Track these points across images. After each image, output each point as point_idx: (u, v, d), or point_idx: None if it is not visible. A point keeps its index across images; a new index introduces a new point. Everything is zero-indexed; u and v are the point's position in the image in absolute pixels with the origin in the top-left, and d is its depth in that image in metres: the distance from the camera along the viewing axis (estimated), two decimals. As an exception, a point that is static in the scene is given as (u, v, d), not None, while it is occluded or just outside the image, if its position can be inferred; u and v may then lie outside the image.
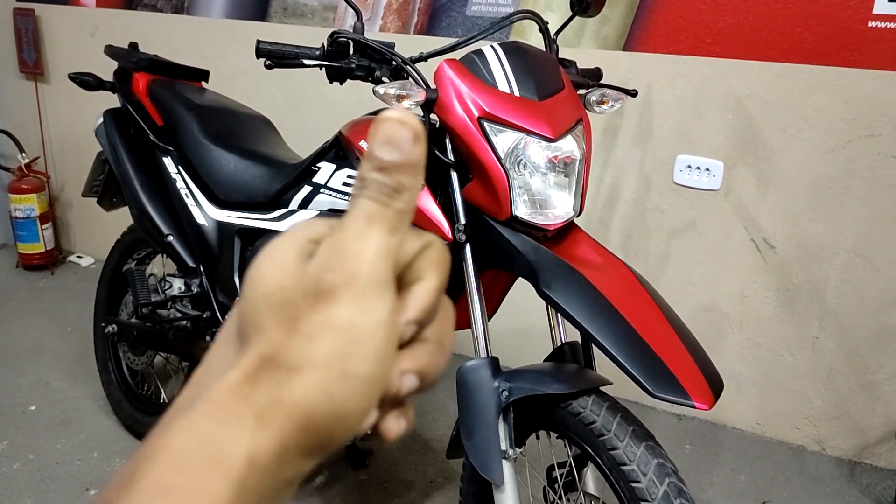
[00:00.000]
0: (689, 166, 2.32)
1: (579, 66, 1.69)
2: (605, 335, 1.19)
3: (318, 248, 0.33)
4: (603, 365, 1.37)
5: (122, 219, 2.24)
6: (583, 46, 2.39)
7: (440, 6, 2.57)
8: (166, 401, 2.30)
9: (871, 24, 2.05)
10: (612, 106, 1.58)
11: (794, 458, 2.33)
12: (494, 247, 1.38)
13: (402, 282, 0.34)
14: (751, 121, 2.22)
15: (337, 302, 0.31)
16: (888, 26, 2.03)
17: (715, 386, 1.19)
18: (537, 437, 1.47)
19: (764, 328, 2.34)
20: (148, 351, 2.29)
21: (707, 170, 2.30)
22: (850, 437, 2.30)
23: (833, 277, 2.22)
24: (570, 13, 1.67)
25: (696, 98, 2.28)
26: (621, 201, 2.45)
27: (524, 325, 2.52)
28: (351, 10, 1.48)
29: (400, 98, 1.35)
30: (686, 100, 2.29)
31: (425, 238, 0.35)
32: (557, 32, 1.63)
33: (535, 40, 1.60)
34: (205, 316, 1.92)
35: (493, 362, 1.34)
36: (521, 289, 1.47)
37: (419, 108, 1.38)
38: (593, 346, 1.36)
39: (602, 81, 1.68)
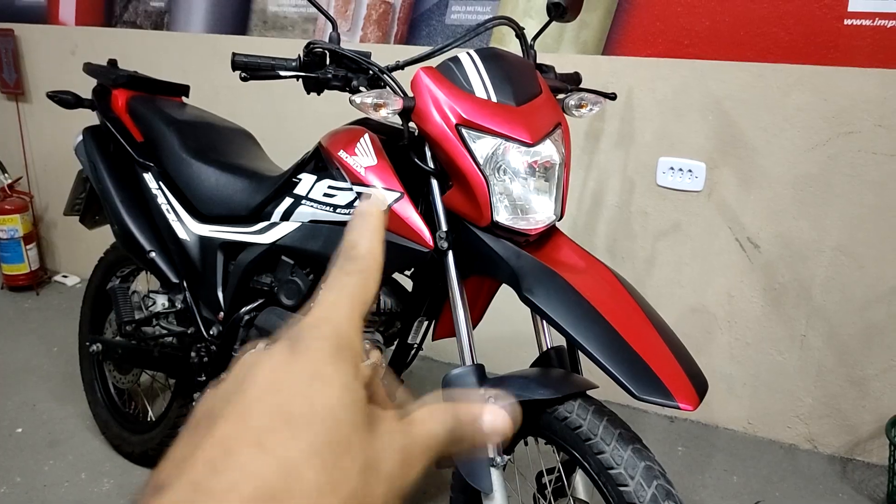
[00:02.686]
0: (672, 168, 2.32)
1: (558, 70, 1.69)
2: (589, 339, 1.19)
3: None
4: (589, 369, 1.37)
5: (106, 237, 2.23)
6: (562, 52, 2.40)
7: (420, 15, 2.57)
8: (153, 419, 2.29)
9: (847, 21, 2.06)
10: (591, 109, 1.58)
11: (786, 457, 2.33)
12: (476, 253, 1.37)
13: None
14: (731, 121, 2.23)
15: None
16: (864, 24, 2.04)
17: (699, 386, 1.18)
18: (525, 444, 1.46)
19: (752, 328, 2.35)
20: (134, 369, 2.27)
21: (689, 171, 2.30)
22: (842, 434, 2.30)
23: (819, 275, 2.22)
24: (548, 18, 1.68)
25: (676, 100, 2.28)
26: (606, 205, 2.45)
27: (510, 332, 2.51)
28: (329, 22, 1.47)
29: (377, 107, 1.35)
30: (666, 102, 2.30)
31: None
32: (535, 38, 1.63)
33: (515, 46, 1.60)
34: (189, 332, 1.90)
35: (479, 369, 1.33)
36: (506, 295, 1.46)
37: (397, 116, 1.38)
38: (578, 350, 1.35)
39: (581, 85, 1.68)
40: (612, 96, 1.66)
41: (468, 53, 1.41)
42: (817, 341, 2.26)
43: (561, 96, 1.57)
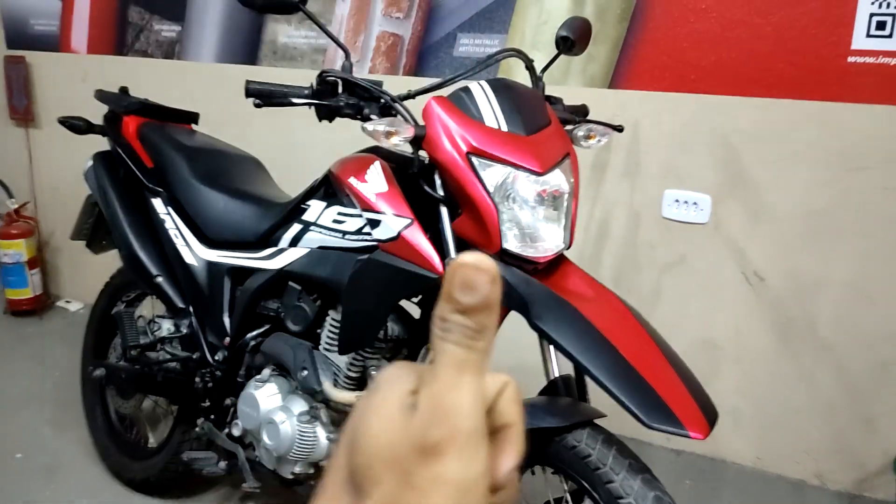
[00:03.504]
0: (678, 200, 2.33)
1: (566, 103, 1.71)
2: (598, 366, 1.19)
3: (416, 398, 0.35)
4: (597, 398, 1.36)
5: (111, 263, 2.23)
6: (569, 84, 2.42)
7: (428, 47, 2.61)
8: (154, 445, 2.27)
9: (851, 59, 2.09)
10: (599, 141, 1.60)
11: (794, 493, 2.30)
12: (485, 281, 1.37)
13: (488, 423, 0.36)
14: (737, 155, 2.25)
15: (444, 457, 0.33)
16: (867, 61, 2.07)
17: (709, 415, 1.18)
18: (532, 473, 1.45)
19: (760, 362, 2.33)
20: (136, 394, 2.26)
21: (695, 204, 2.31)
22: (850, 471, 2.28)
23: (827, 311, 2.22)
24: (556, 51, 1.70)
25: (683, 133, 2.30)
26: (612, 236, 2.46)
27: (517, 360, 2.49)
28: (340, 52, 1.49)
29: (389, 135, 1.36)
30: (673, 135, 2.31)
31: (501, 378, 0.38)
32: (543, 70, 1.66)
33: (522, 78, 1.62)
34: (194, 357, 1.90)
35: (486, 397, 1.33)
36: (514, 323, 1.46)
37: (408, 143, 1.39)
38: (587, 378, 1.35)
39: (589, 117, 1.70)
40: (620, 128, 1.68)
41: (479, 83, 1.43)
42: (826, 377, 2.25)
43: (569, 127, 1.58)
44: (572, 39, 1.70)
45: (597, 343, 1.21)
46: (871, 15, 2.03)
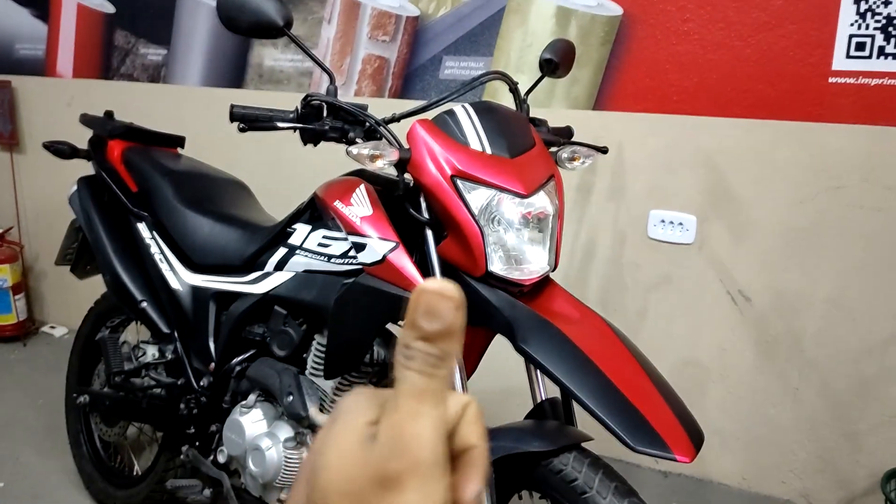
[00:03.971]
0: (663, 221, 2.34)
1: (550, 125, 1.72)
2: (584, 390, 1.18)
3: (376, 429, 0.34)
4: (584, 420, 1.36)
5: (96, 288, 2.22)
6: (553, 107, 2.44)
7: (414, 70, 2.62)
8: (139, 473, 2.24)
9: (832, 80, 2.11)
10: (584, 162, 1.61)
11: (781, 513, 2.30)
12: (471, 303, 1.37)
13: (450, 446, 0.36)
14: (721, 175, 2.26)
15: (404, 489, 0.33)
16: (847, 81, 2.09)
17: (695, 438, 1.18)
18: (520, 497, 1.44)
19: (745, 381, 2.34)
20: (121, 421, 2.24)
21: (681, 224, 2.32)
22: (836, 490, 2.28)
23: (810, 328, 2.23)
24: (540, 74, 1.72)
25: (667, 154, 2.32)
26: (597, 257, 2.46)
27: (504, 384, 2.49)
28: (326, 76, 1.50)
29: (374, 158, 1.36)
30: (657, 156, 2.33)
31: (462, 400, 0.38)
32: (528, 92, 1.67)
33: (507, 100, 1.63)
34: (179, 383, 1.88)
35: (473, 422, 1.32)
36: (500, 347, 1.46)
37: (393, 167, 1.39)
38: (573, 401, 1.34)
39: (573, 139, 1.71)
40: (604, 150, 1.69)
41: (463, 106, 1.44)
42: (810, 395, 2.26)
43: (554, 149, 1.59)
44: (556, 62, 1.72)
45: (582, 366, 1.21)
46: (851, 36, 2.06)
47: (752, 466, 2.38)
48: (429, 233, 1.41)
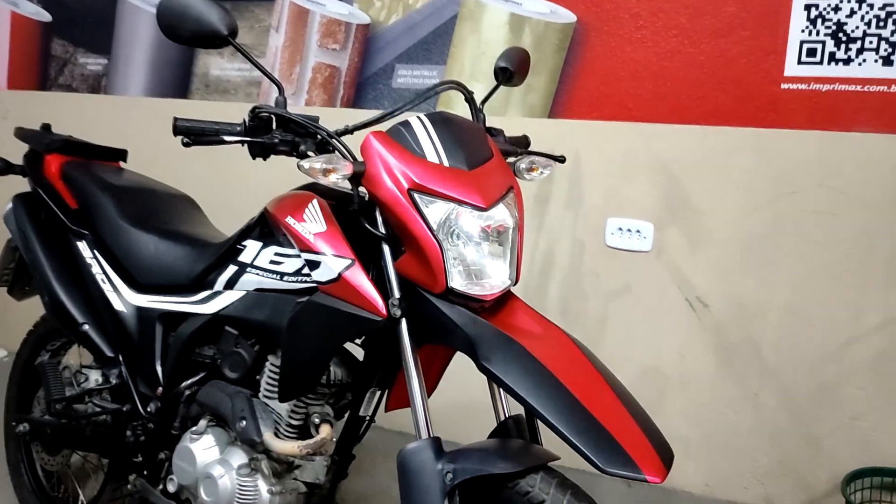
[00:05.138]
0: (621, 229, 2.33)
1: (506, 133, 1.69)
2: (550, 409, 1.14)
3: None
4: (550, 438, 1.32)
5: (37, 308, 2.11)
6: (509, 115, 2.41)
7: (366, 79, 2.57)
8: (84, 503, 2.13)
9: (784, 86, 2.13)
10: (542, 173, 1.58)
11: (744, 519, 2.30)
12: (431, 321, 1.32)
13: None
14: (677, 183, 2.26)
15: None
16: (800, 87, 2.11)
17: (665, 456, 1.14)
18: (485, 520, 1.39)
19: (705, 388, 2.34)
20: (64, 450, 2.13)
21: (638, 231, 2.31)
22: (798, 493, 2.29)
23: (768, 334, 2.24)
24: (495, 83, 1.68)
25: (623, 162, 2.31)
26: (556, 267, 2.44)
27: (465, 398, 2.45)
28: (274, 86, 1.44)
29: (326, 172, 1.31)
30: (613, 164, 2.32)
31: None
32: (483, 102, 1.63)
33: (462, 110, 1.59)
34: (125, 409, 1.79)
35: (436, 443, 1.27)
36: (461, 361, 1.42)
37: (346, 181, 1.34)
38: (538, 420, 1.30)
39: (530, 149, 1.68)
40: (562, 159, 1.66)
41: (418, 117, 1.39)
42: (770, 400, 2.27)
43: (511, 160, 1.56)
44: (511, 70, 1.69)
45: (547, 384, 1.17)
46: (802, 42, 2.08)
47: (714, 473, 2.38)
48: (386, 248, 1.36)
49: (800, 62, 2.10)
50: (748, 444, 2.32)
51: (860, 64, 2.05)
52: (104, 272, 1.85)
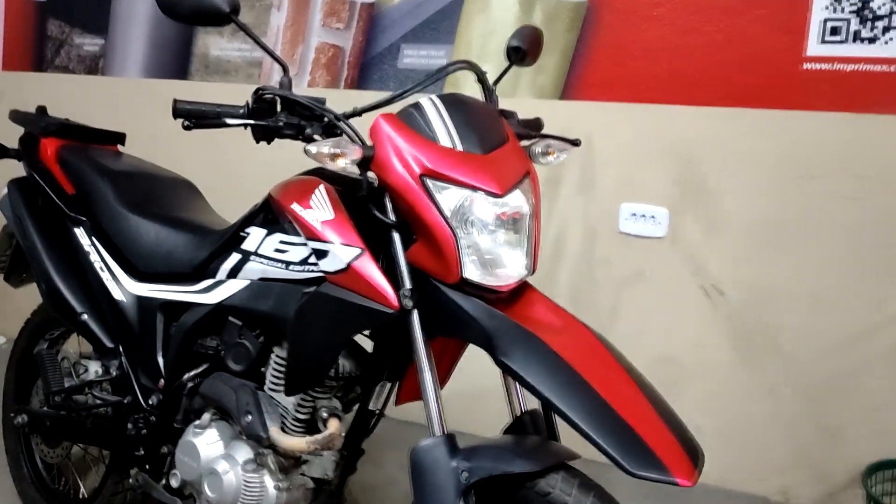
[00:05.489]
0: (634, 214, 2.27)
1: (518, 116, 1.62)
2: (573, 407, 1.09)
3: None
4: (567, 433, 1.27)
5: (36, 294, 2.06)
6: (519, 96, 2.34)
7: (371, 59, 2.50)
8: (85, 496, 2.09)
9: (805, 66, 2.06)
10: (558, 157, 1.52)
11: (759, 511, 2.26)
12: (444, 313, 1.27)
13: None
14: (693, 166, 2.20)
15: None
16: (821, 67, 2.04)
17: (694, 457, 1.10)
18: (502, 521, 1.34)
19: (721, 377, 2.29)
20: (64, 442, 2.08)
21: (652, 217, 2.25)
22: (815, 485, 2.24)
23: (786, 322, 2.19)
24: (506, 63, 1.62)
25: (637, 145, 2.25)
26: (568, 253, 2.39)
27: (478, 389, 2.40)
28: (277, 66, 1.37)
29: (334, 157, 1.25)
30: (627, 147, 2.26)
31: None
32: (495, 83, 1.57)
33: (470, 91, 1.53)
34: (125, 401, 1.74)
35: (450, 440, 1.22)
36: (472, 349, 1.37)
37: (355, 166, 1.28)
38: (555, 415, 1.25)
39: (543, 132, 1.61)
40: (577, 142, 1.60)
41: (430, 99, 1.33)
42: (787, 390, 2.22)
43: (526, 143, 1.49)
44: (524, 49, 1.63)
45: (570, 381, 1.12)
46: (825, 20, 2.01)
47: (729, 464, 2.33)
48: (396, 236, 1.30)
49: (822, 41, 2.02)
50: (765, 434, 2.27)
51: (886, 42, 1.97)
52: (103, 260, 1.80)
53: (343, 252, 1.30)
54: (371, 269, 1.28)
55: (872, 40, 2.00)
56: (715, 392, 2.31)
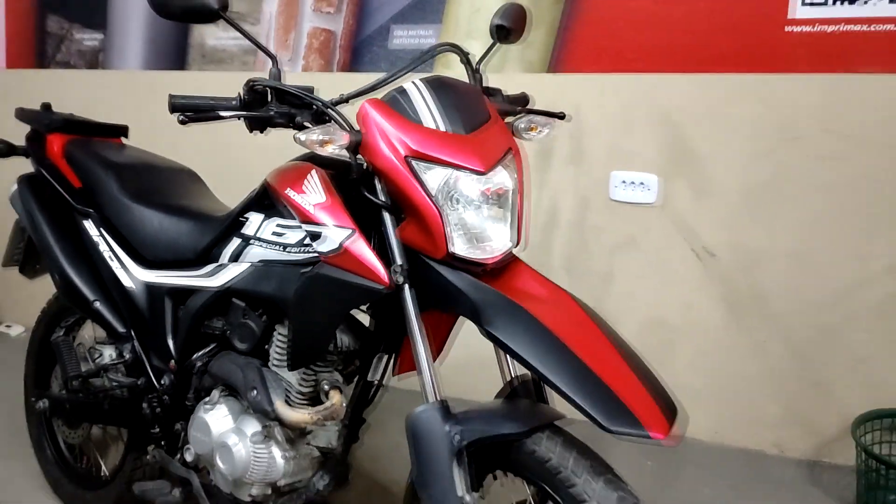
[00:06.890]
0: (625, 182, 2.32)
1: (505, 92, 1.67)
2: (555, 372, 1.16)
3: None
4: (557, 397, 1.34)
5: (51, 284, 2.14)
6: (507, 71, 2.39)
7: (362, 42, 2.54)
8: (107, 474, 2.19)
9: (788, 28, 2.09)
10: (542, 132, 1.56)
11: (754, 464, 2.33)
12: (434, 287, 1.33)
13: None
14: (680, 133, 2.24)
15: None
16: (804, 30, 2.07)
17: (668, 411, 1.16)
18: (494, 478, 1.42)
19: (712, 337, 2.35)
20: (84, 423, 2.17)
21: (642, 184, 2.30)
22: (807, 438, 2.31)
23: (775, 281, 2.24)
24: (492, 41, 1.66)
25: (625, 114, 2.29)
26: (560, 223, 2.44)
27: (472, 357, 2.47)
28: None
29: (324, 143, 1.31)
30: (615, 117, 2.30)
31: None
32: (480, 62, 1.61)
33: (459, 69, 1.58)
34: (139, 383, 1.82)
35: (443, 406, 1.29)
36: (467, 321, 1.43)
37: (345, 150, 1.34)
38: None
39: (530, 105, 1.66)
40: (562, 115, 1.64)
41: (414, 83, 1.38)
42: (777, 347, 2.28)
43: (510, 119, 1.54)
44: (508, 28, 1.66)
45: (552, 347, 1.18)
46: (807, -17, 2.03)
47: (723, 420, 2.41)
48: (387, 216, 1.36)
49: (804, 3, 2.05)
50: (756, 390, 2.34)
51: (866, 2, 2.00)
52: (111, 249, 1.87)
53: (335, 233, 1.36)
54: (362, 249, 1.34)
55: (853, 0, 2.02)
56: (707, 352, 2.37)
